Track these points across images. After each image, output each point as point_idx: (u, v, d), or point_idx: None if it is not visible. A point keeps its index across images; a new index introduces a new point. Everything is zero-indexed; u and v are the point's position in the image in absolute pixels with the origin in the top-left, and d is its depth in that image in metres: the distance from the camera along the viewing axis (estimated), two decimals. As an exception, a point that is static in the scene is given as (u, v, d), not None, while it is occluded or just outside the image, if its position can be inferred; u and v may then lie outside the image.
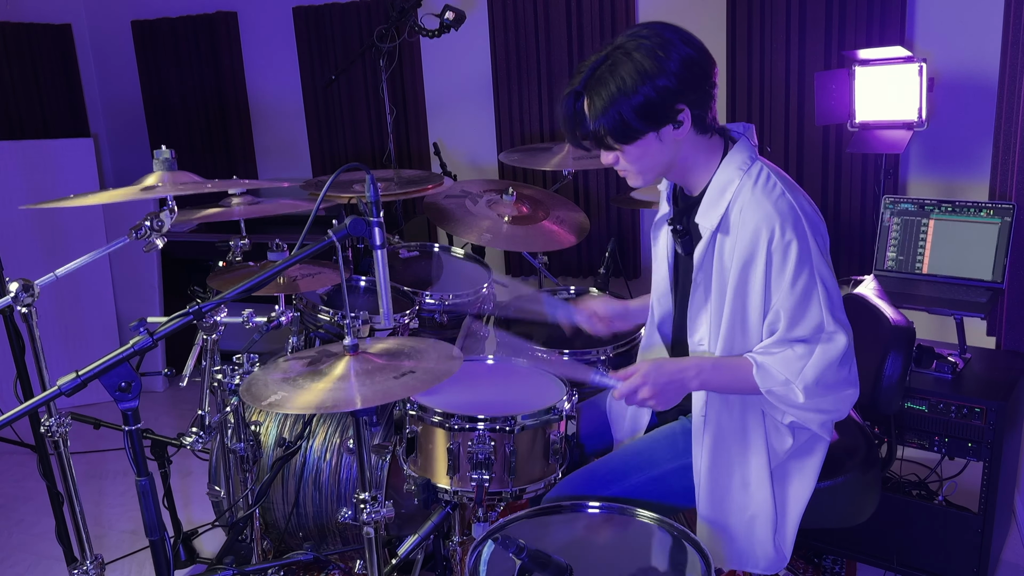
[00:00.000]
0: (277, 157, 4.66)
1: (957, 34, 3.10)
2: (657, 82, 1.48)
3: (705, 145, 1.60)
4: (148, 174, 1.84)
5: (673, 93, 1.49)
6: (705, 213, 1.60)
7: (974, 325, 2.55)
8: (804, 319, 1.52)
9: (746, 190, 1.55)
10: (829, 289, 1.53)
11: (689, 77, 1.50)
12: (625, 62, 1.49)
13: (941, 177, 3.27)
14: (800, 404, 1.53)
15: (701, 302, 1.65)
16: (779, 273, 1.51)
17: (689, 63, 1.49)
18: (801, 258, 1.50)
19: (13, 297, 1.77)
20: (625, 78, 1.48)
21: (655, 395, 1.56)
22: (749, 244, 1.52)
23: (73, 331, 3.86)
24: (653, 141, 1.54)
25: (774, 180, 1.55)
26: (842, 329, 1.52)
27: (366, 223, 1.44)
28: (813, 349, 1.52)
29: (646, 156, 1.57)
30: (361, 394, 1.44)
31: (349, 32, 4.22)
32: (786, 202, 1.52)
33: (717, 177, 1.59)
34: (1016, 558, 2.46)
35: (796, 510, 1.67)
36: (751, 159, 1.59)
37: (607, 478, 1.70)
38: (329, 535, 2.34)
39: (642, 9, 3.67)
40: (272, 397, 1.46)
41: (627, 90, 1.48)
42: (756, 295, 1.54)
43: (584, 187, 3.93)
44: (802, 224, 1.51)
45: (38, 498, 3.07)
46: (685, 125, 1.53)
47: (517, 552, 1.23)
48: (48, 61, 4.55)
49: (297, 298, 2.42)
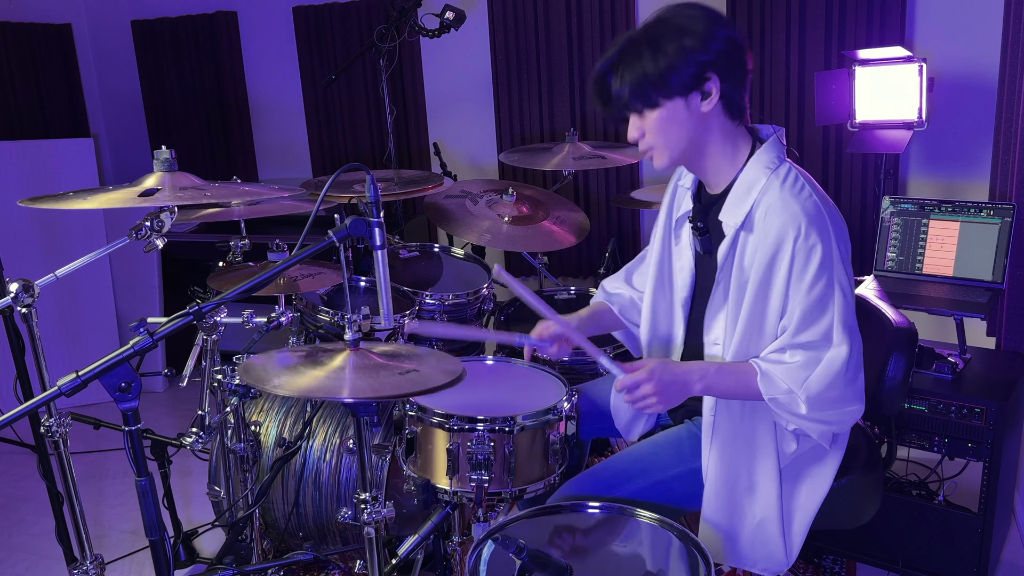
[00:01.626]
0: (277, 157, 4.66)
1: (957, 34, 3.10)
2: (694, 52, 1.49)
3: (733, 134, 1.59)
4: (148, 174, 1.83)
5: (705, 61, 1.50)
6: (730, 210, 1.58)
7: (974, 325, 2.55)
8: (815, 324, 1.51)
9: (773, 189, 1.54)
10: (847, 296, 1.52)
11: (723, 50, 1.51)
12: (661, 27, 1.52)
13: (941, 177, 3.27)
14: (802, 414, 1.53)
15: (720, 301, 1.63)
16: (800, 275, 1.50)
17: (724, 39, 1.51)
18: (824, 262, 1.49)
19: (13, 297, 1.77)
20: (659, 39, 1.51)
21: (657, 392, 1.55)
22: (774, 243, 1.51)
23: (73, 331, 3.86)
24: (680, 109, 1.53)
25: (802, 182, 1.55)
26: (848, 340, 1.51)
27: (366, 223, 1.44)
28: (819, 358, 1.51)
29: (672, 127, 1.55)
30: (352, 386, 1.43)
31: (349, 32, 4.22)
32: (813, 204, 1.51)
33: (744, 174, 1.58)
34: (1016, 558, 2.46)
35: (805, 516, 1.66)
36: (779, 159, 1.58)
37: (611, 482, 1.69)
38: (329, 535, 2.34)
39: (642, 9, 3.67)
40: (275, 380, 1.45)
41: (659, 49, 1.50)
42: (777, 296, 1.53)
43: (584, 187, 3.93)
44: (828, 228, 1.50)
45: (38, 498, 3.07)
46: (713, 97, 1.52)
47: (517, 552, 1.23)
48: (48, 61, 4.55)
49: (297, 298, 2.42)
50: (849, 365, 1.51)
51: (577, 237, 2.79)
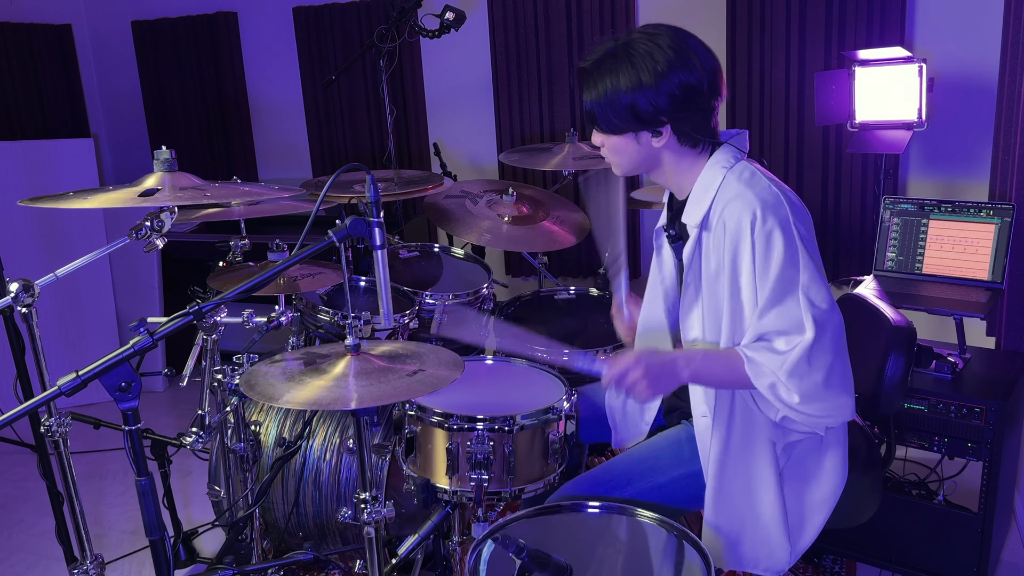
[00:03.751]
0: (277, 157, 4.66)
1: (957, 34, 3.10)
2: (648, 95, 1.51)
3: (690, 154, 1.61)
4: (148, 175, 1.83)
5: (661, 111, 1.52)
6: (690, 211, 1.60)
7: (974, 325, 2.55)
8: (783, 306, 1.48)
9: (729, 184, 1.55)
10: (814, 278, 1.49)
11: (683, 101, 1.52)
12: (626, 64, 1.52)
13: (941, 177, 3.27)
14: (793, 404, 1.49)
15: (692, 301, 1.63)
16: (763, 260, 1.48)
17: (688, 89, 1.51)
18: (786, 244, 1.47)
19: (13, 297, 1.77)
20: (620, 79, 1.52)
21: (647, 376, 1.52)
22: (734, 234, 1.51)
23: (73, 331, 3.86)
24: (631, 141, 1.58)
25: (758, 174, 1.55)
26: (817, 324, 1.46)
27: (366, 223, 1.44)
28: (792, 341, 1.47)
29: (625, 152, 1.61)
30: (359, 394, 1.44)
31: (349, 32, 4.22)
32: (768, 190, 1.51)
33: (702, 176, 1.60)
34: (1016, 558, 2.46)
35: (814, 515, 1.66)
36: (735, 158, 1.59)
37: (611, 484, 1.69)
38: (329, 535, 2.34)
39: (642, 9, 3.67)
40: (272, 392, 1.46)
41: (618, 91, 1.52)
42: (747, 287, 1.52)
43: (584, 187, 3.92)
44: (785, 210, 1.49)
45: (38, 498, 3.07)
46: (664, 137, 1.56)
47: (517, 552, 1.23)
48: (48, 61, 4.55)
49: (297, 298, 2.42)
50: (822, 348, 1.47)
51: (577, 237, 2.79)
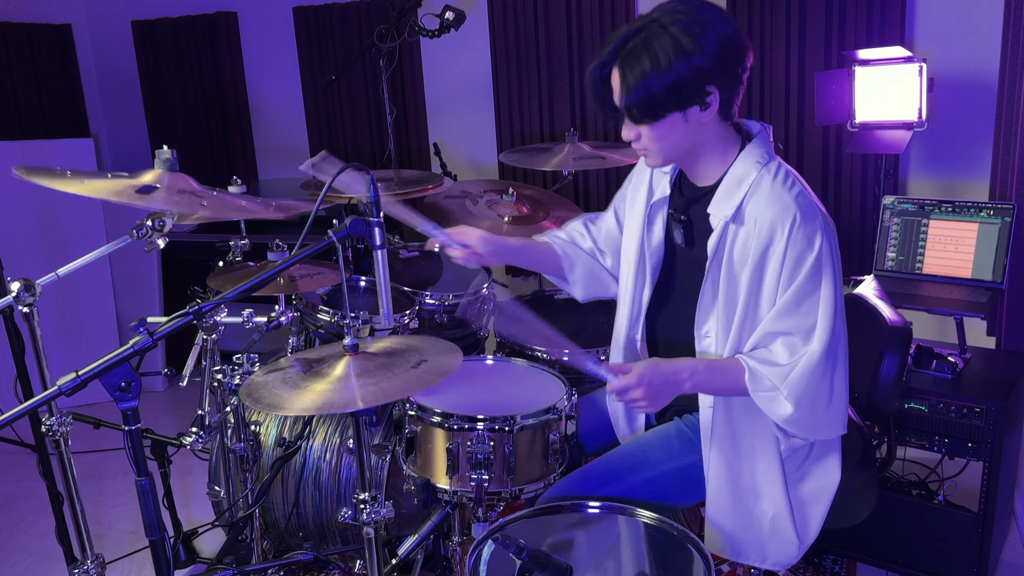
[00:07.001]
0: (277, 157, 4.66)
1: (957, 34, 3.10)
2: (692, 60, 1.45)
3: (725, 134, 1.59)
4: (147, 169, 1.82)
5: (707, 73, 1.46)
6: (719, 204, 1.58)
7: (974, 325, 2.55)
8: (799, 314, 1.51)
9: (764, 184, 1.54)
10: (836, 296, 1.51)
11: (724, 57, 1.47)
12: (661, 35, 1.45)
13: (941, 177, 3.27)
14: (787, 415, 1.53)
15: (710, 293, 1.62)
16: (792, 266, 1.50)
17: (726, 43, 1.47)
18: (817, 255, 1.49)
19: (15, 297, 1.76)
20: (659, 53, 1.45)
21: (647, 397, 1.55)
22: (767, 235, 1.51)
23: (73, 331, 3.86)
24: (679, 121, 1.52)
25: (793, 178, 1.56)
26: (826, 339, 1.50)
27: (366, 223, 1.44)
28: (800, 353, 1.51)
29: (670, 136, 1.54)
30: (361, 394, 1.44)
31: (349, 32, 4.22)
32: (806, 199, 1.53)
33: (734, 169, 1.58)
34: (1016, 558, 2.46)
35: (819, 505, 1.67)
36: (769, 155, 1.59)
37: (601, 480, 1.70)
38: (329, 535, 2.34)
39: (642, 9, 3.67)
40: (277, 401, 1.46)
41: (661, 66, 1.45)
42: (769, 287, 1.53)
43: (584, 187, 3.92)
44: (820, 223, 1.51)
45: (38, 498, 3.07)
46: (712, 108, 1.51)
47: (517, 552, 1.23)
48: (48, 61, 4.55)
49: (297, 298, 2.42)
50: (826, 364, 1.51)
51: (577, 237, 2.78)
